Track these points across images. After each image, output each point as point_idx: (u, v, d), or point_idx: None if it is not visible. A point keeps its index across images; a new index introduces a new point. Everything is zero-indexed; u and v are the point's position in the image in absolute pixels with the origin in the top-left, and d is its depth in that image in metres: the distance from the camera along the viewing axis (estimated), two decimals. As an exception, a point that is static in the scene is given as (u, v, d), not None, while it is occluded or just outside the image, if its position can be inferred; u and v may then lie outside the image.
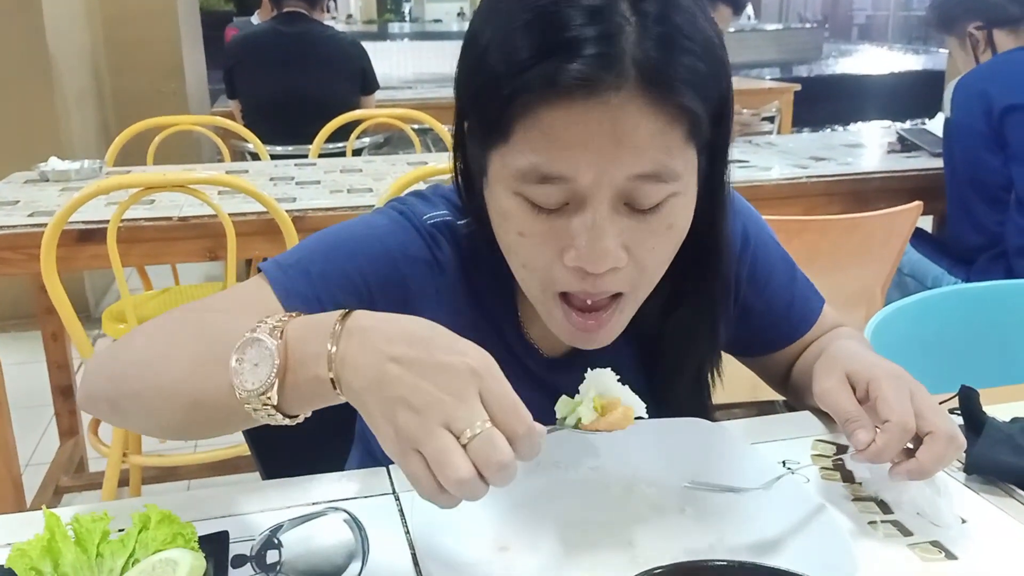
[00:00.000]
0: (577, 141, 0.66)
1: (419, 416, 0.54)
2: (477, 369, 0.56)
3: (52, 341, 2.34)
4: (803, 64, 13.85)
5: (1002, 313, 1.33)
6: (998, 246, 2.16)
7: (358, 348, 0.58)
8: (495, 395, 0.56)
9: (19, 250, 1.81)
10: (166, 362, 0.69)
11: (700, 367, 0.91)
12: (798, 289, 0.98)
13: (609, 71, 0.64)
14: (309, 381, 0.60)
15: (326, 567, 0.69)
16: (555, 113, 0.65)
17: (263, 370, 0.60)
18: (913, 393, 0.77)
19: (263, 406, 0.61)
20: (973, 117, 2.12)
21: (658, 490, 0.79)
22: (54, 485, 2.24)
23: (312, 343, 0.60)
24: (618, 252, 0.70)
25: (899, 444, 0.74)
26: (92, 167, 2.33)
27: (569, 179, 0.67)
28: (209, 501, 0.79)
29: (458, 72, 0.75)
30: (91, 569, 0.64)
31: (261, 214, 1.85)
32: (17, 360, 2.58)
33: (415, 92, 4.92)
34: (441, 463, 0.53)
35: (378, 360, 0.57)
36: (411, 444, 0.54)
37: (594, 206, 0.68)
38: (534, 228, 0.71)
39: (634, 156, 0.66)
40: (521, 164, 0.68)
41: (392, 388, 0.55)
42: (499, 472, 0.54)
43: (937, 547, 0.72)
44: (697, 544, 0.72)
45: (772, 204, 2.19)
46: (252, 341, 0.61)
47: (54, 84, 3.55)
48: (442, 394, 0.54)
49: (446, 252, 0.85)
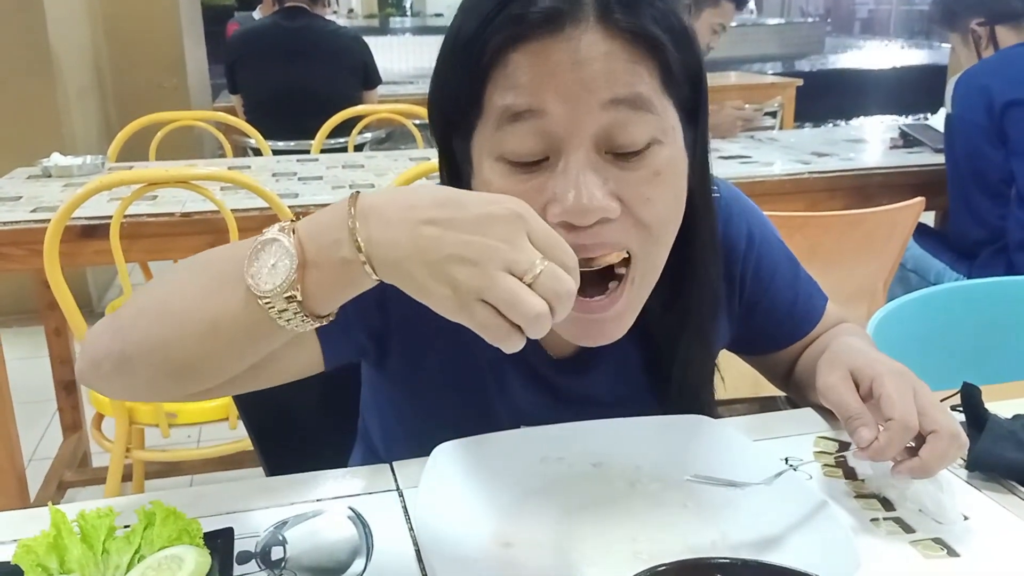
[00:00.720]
0: (544, 74, 0.67)
1: (478, 267, 0.54)
2: (521, 213, 0.56)
3: (55, 336, 2.34)
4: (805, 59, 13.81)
5: (1004, 310, 1.34)
6: (1000, 240, 2.16)
7: (382, 223, 0.57)
8: (541, 234, 0.56)
9: (22, 246, 1.81)
10: (174, 297, 0.67)
11: (705, 372, 0.91)
12: (801, 287, 0.98)
13: (570, 4, 0.67)
14: (335, 268, 0.58)
15: (330, 563, 0.70)
16: (521, 55, 0.68)
17: (282, 267, 0.58)
18: (916, 391, 0.77)
19: (288, 305, 0.59)
20: (974, 112, 2.12)
21: (661, 486, 0.79)
22: (57, 480, 2.24)
23: (329, 231, 0.58)
24: (606, 200, 0.68)
25: (902, 442, 0.74)
26: (94, 163, 2.33)
27: (538, 111, 0.68)
28: (213, 497, 0.79)
29: (433, 87, 0.77)
30: (97, 565, 0.64)
31: (264, 210, 1.85)
32: (20, 355, 2.59)
33: (417, 87, 4.91)
34: (514, 303, 0.53)
35: (411, 227, 0.56)
36: (476, 295, 0.54)
37: (573, 152, 0.68)
38: (515, 189, 0.69)
39: (601, 82, 0.67)
40: (496, 112, 0.69)
41: (438, 249, 0.55)
42: (568, 300, 0.55)
43: (939, 544, 0.72)
44: (699, 540, 0.72)
45: (774, 200, 2.19)
46: (264, 243, 0.60)
47: (56, 79, 3.55)
48: (495, 242, 0.54)
49: None
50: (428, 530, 0.69)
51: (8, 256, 1.83)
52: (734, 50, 2.80)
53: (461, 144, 0.76)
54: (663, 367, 0.89)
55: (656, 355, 0.89)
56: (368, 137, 3.44)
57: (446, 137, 0.78)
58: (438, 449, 0.80)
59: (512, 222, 0.55)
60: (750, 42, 12.85)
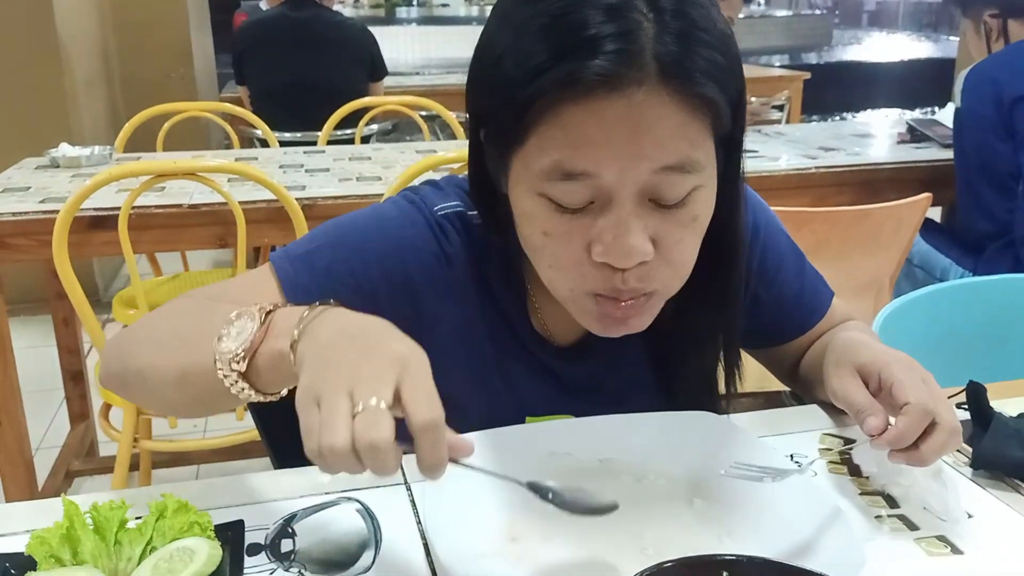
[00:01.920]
0: (599, 137, 0.66)
1: (334, 378, 0.56)
2: (406, 356, 0.58)
3: (63, 326, 2.35)
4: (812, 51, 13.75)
5: (1011, 307, 1.34)
6: (1007, 235, 2.16)
7: (320, 325, 0.63)
8: (412, 382, 0.57)
9: (31, 236, 1.82)
10: (162, 341, 0.74)
11: (710, 365, 0.91)
12: (807, 281, 0.98)
13: (630, 67, 0.65)
14: (272, 353, 0.64)
15: (339, 556, 0.70)
16: (576, 111, 0.66)
17: (241, 338, 0.65)
18: (924, 379, 0.77)
19: (231, 372, 0.65)
20: (983, 105, 2.12)
21: (667, 482, 0.80)
22: (65, 469, 2.26)
23: (286, 321, 0.64)
24: (644, 245, 0.70)
25: (920, 426, 0.73)
26: (102, 153, 2.33)
27: (592, 175, 0.68)
28: (223, 490, 0.80)
29: (471, 81, 0.76)
30: (110, 557, 0.65)
31: (271, 202, 1.86)
32: (28, 344, 2.60)
33: (423, 78, 4.91)
34: (325, 422, 0.55)
35: (332, 335, 0.61)
36: (314, 397, 0.57)
37: (619, 203, 0.69)
38: (559, 227, 0.71)
39: (657, 149, 0.67)
40: (543, 163, 0.69)
41: (332, 353, 0.59)
42: (370, 451, 0.54)
43: (943, 541, 0.73)
44: (705, 537, 0.73)
45: (781, 194, 2.19)
46: (241, 315, 0.67)
47: (63, 69, 3.56)
48: (362, 367, 0.57)
49: (455, 244, 0.85)
50: (436, 524, 0.70)
51: (17, 247, 1.83)
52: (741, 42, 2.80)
53: (495, 148, 0.76)
54: (668, 358, 0.90)
55: (661, 346, 0.90)
56: (374, 128, 3.44)
57: (477, 126, 0.78)
58: (446, 443, 0.80)
59: (390, 360, 0.57)
60: (757, 34, 12.80)
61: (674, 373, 0.91)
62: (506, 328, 0.88)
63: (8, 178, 2.16)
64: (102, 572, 0.63)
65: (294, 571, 0.68)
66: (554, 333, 0.90)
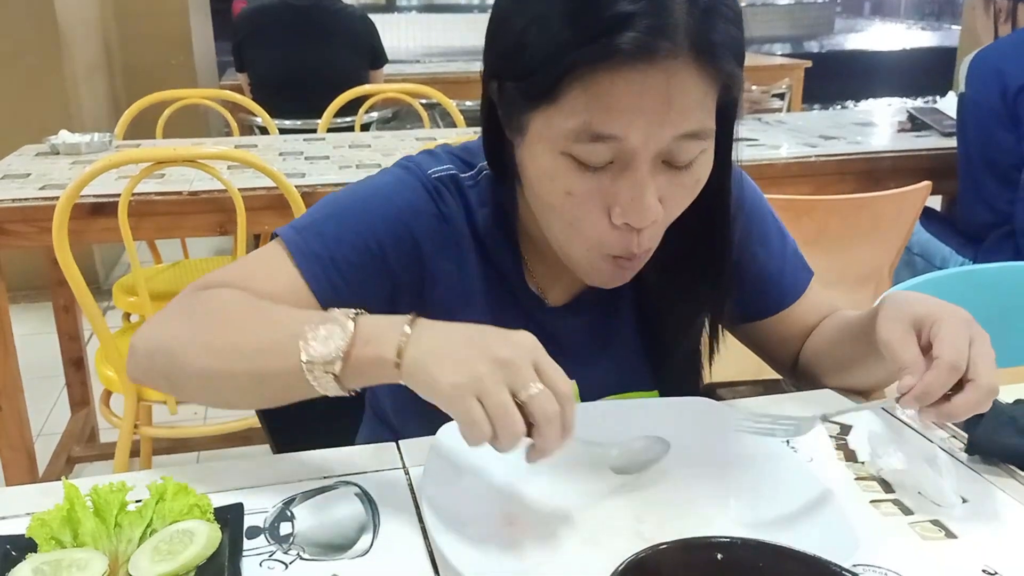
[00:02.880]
0: (632, 104, 0.70)
1: (487, 373, 0.63)
2: (532, 343, 0.66)
3: (63, 313, 2.36)
4: (814, 39, 13.71)
5: (1010, 295, 1.34)
6: (1007, 224, 2.15)
7: (423, 335, 0.68)
8: (548, 365, 0.65)
9: (31, 223, 1.82)
10: (228, 339, 0.75)
11: (697, 329, 0.95)
12: (790, 258, 0.99)
13: (666, 39, 0.68)
14: (369, 359, 0.68)
15: (338, 540, 0.71)
16: (614, 78, 0.69)
17: (333, 343, 0.69)
18: (973, 338, 0.75)
19: (324, 374, 0.69)
20: (988, 94, 2.11)
21: (663, 466, 0.80)
22: (66, 455, 2.27)
23: (378, 329, 0.69)
24: (657, 206, 0.74)
25: (945, 381, 0.72)
26: (102, 140, 2.33)
27: (620, 138, 0.71)
28: (222, 473, 0.80)
29: (496, 38, 0.78)
30: (110, 539, 0.65)
31: (271, 189, 1.86)
32: (28, 331, 2.61)
33: (423, 66, 4.89)
34: (502, 416, 0.62)
35: (443, 340, 0.67)
36: (472, 393, 0.63)
37: (638, 164, 0.73)
38: (581, 187, 0.74)
39: (682, 117, 0.71)
40: (572, 124, 0.71)
41: (462, 352, 0.65)
42: (556, 422, 0.63)
43: (937, 526, 0.73)
44: (701, 520, 0.73)
45: (781, 183, 2.19)
46: (327, 319, 0.70)
47: (63, 56, 3.55)
48: (505, 362, 0.63)
49: (450, 204, 0.88)
50: (433, 508, 0.70)
51: (17, 233, 1.84)
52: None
53: (513, 106, 0.77)
54: (657, 320, 0.93)
55: (651, 308, 0.93)
56: (374, 116, 3.43)
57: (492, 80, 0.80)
58: (444, 428, 0.81)
59: (528, 351, 0.65)
60: (759, 22, 12.76)
61: (663, 335, 0.94)
62: (501, 286, 0.91)
63: (8, 165, 2.16)
64: (103, 554, 0.64)
65: (293, 553, 0.69)
66: (547, 292, 0.92)
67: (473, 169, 0.90)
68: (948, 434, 0.88)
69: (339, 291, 0.83)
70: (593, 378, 0.93)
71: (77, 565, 0.62)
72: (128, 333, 2.06)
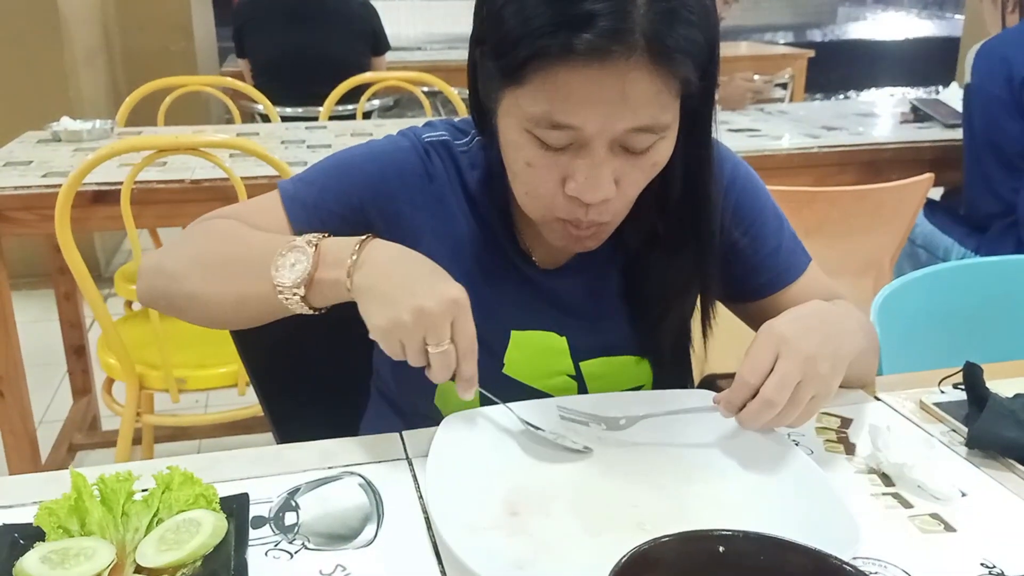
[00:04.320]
0: (588, 99, 0.75)
1: (411, 322, 0.74)
2: (458, 300, 0.75)
3: (65, 300, 2.36)
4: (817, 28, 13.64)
5: (1011, 288, 1.34)
6: (1012, 215, 2.15)
7: (371, 260, 0.78)
8: (464, 324, 0.75)
9: (33, 210, 1.82)
10: (213, 267, 0.87)
11: (685, 307, 0.97)
12: (786, 240, 1.00)
13: (621, 43, 0.72)
14: (329, 282, 0.79)
15: (342, 530, 0.72)
16: (571, 74, 0.74)
17: (299, 268, 0.79)
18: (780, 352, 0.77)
19: (293, 296, 0.79)
20: (994, 83, 2.10)
21: (665, 458, 0.81)
22: (68, 443, 2.27)
23: (337, 253, 0.79)
24: (610, 187, 0.79)
25: (741, 396, 0.78)
26: (103, 127, 2.33)
27: (576, 128, 0.76)
28: (227, 463, 0.81)
29: (481, 3, 0.81)
30: (117, 528, 0.66)
31: (273, 178, 1.86)
32: (30, 318, 2.61)
33: (425, 54, 4.87)
34: (417, 360, 0.75)
35: (386, 268, 0.77)
36: (398, 339, 0.75)
37: (594, 149, 0.78)
38: (540, 161, 0.80)
39: (634, 113, 0.76)
40: (534, 111, 0.77)
41: (393, 292, 0.75)
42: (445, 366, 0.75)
43: (937, 519, 0.74)
44: (702, 512, 0.74)
45: (782, 174, 2.19)
46: (293, 247, 0.80)
47: (64, 42, 3.53)
48: (425, 311, 0.73)
49: (437, 165, 0.94)
50: (437, 498, 0.71)
51: (20, 221, 1.83)
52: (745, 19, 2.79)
53: (490, 77, 0.81)
54: (646, 296, 0.96)
55: (639, 280, 0.96)
56: (376, 104, 3.42)
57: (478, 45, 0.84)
58: (447, 419, 0.81)
59: (451, 307, 0.74)
60: (761, 11, 12.69)
61: (647, 303, 0.96)
62: (492, 244, 0.95)
63: (10, 152, 2.16)
64: (110, 543, 0.65)
65: (298, 543, 0.70)
66: (539, 255, 0.96)
67: (467, 136, 0.97)
68: (948, 428, 0.89)
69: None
70: (583, 338, 0.96)
71: (84, 554, 0.63)
72: (129, 321, 2.06)
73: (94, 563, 0.62)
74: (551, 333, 0.95)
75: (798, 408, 0.77)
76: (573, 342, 0.96)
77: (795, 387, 0.76)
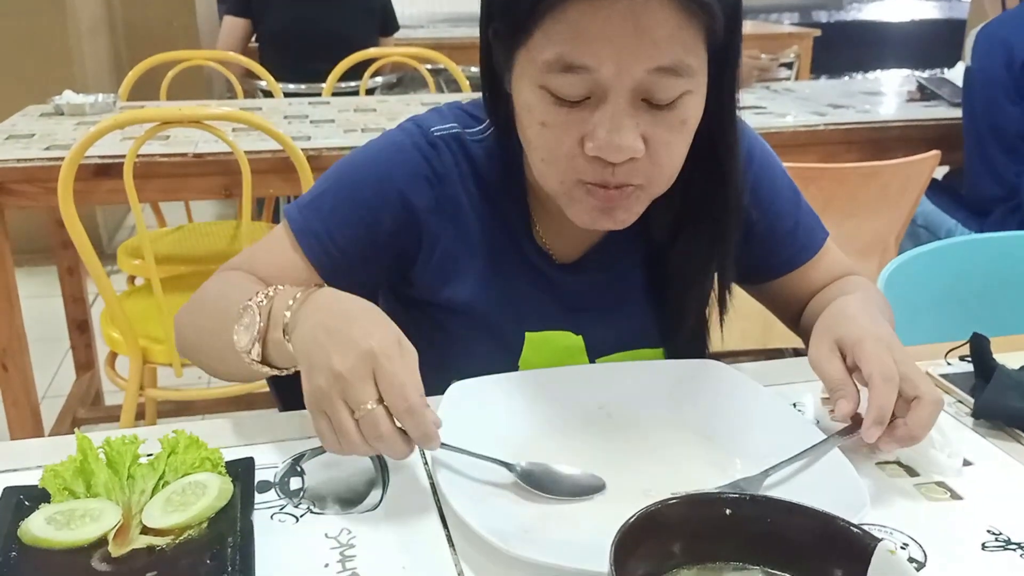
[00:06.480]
0: (601, 33, 0.70)
1: (327, 388, 0.65)
2: (373, 351, 0.65)
3: (68, 275, 2.36)
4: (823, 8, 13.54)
5: (1015, 263, 1.34)
6: (1014, 198, 2.15)
7: (303, 317, 0.71)
8: (385, 377, 0.65)
9: (36, 183, 1.81)
10: (203, 325, 0.85)
11: (704, 291, 0.94)
12: (803, 216, 0.98)
13: None
14: (275, 342, 0.73)
15: (348, 495, 0.72)
16: (583, 8, 0.70)
17: (249, 332, 0.74)
18: (897, 358, 0.74)
19: (251, 360, 0.74)
20: (994, 66, 2.09)
21: (672, 428, 0.81)
22: (71, 417, 2.28)
23: (281, 309, 0.73)
24: (636, 143, 0.74)
25: (889, 393, 0.71)
26: (106, 101, 2.32)
27: (592, 69, 0.72)
28: (231, 430, 0.81)
29: None
30: (123, 490, 0.66)
31: (276, 152, 1.85)
32: (33, 293, 2.61)
33: (428, 31, 4.84)
34: (340, 431, 0.65)
35: (313, 329, 0.69)
36: (319, 408, 0.66)
37: (614, 99, 0.73)
38: (556, 119, 0.75)
39: (653, 49, 0.71)
40: (547, 55, 0.73)
41: (316, 354, 0.67)
42: (380, 443, 0.65)
43: (943, 487, 0.74)
44: (709, 481, 0.74)
45: (788, 151, 2.17)
46: (247, 307, 0.75)
47: (66, 15, 3.51)
48: (343, 373, 0.64)
49: (446, 162, 0.89)
50: (442, 464, 0.71)
51: (22, 193, 1.83)
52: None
53: (502, 43, 0.79)
54: (664, 281, 0.93)
55: (658, 270, 0.93)
56: (379, 81, 3.40)
57: (488, 23, 0.81)
58: (453, 387, 0.81)
59: (365, 360, 0.65)
60: (767, -9, 12.57)
61: (671, 295, 0.93)
62: (508, 240, 0.91)
63: (12, 125, 2.15)
64: (116, 504, 0.65)
65: (303, 508, 0.70)
66: (556, 249, 0.93)
67: (481, 123, 0.91)
68: (955, 399, 0.89)
69: (337, 263, 0.87)
70: (600, 335, 0.94)
71: (91, 515, 0.63)
72: (133, 296, 2.06)
73: (100, 524, 0.62)
74: (567, 332, 0.93)
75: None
76: (589, 339, 0.94)
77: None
